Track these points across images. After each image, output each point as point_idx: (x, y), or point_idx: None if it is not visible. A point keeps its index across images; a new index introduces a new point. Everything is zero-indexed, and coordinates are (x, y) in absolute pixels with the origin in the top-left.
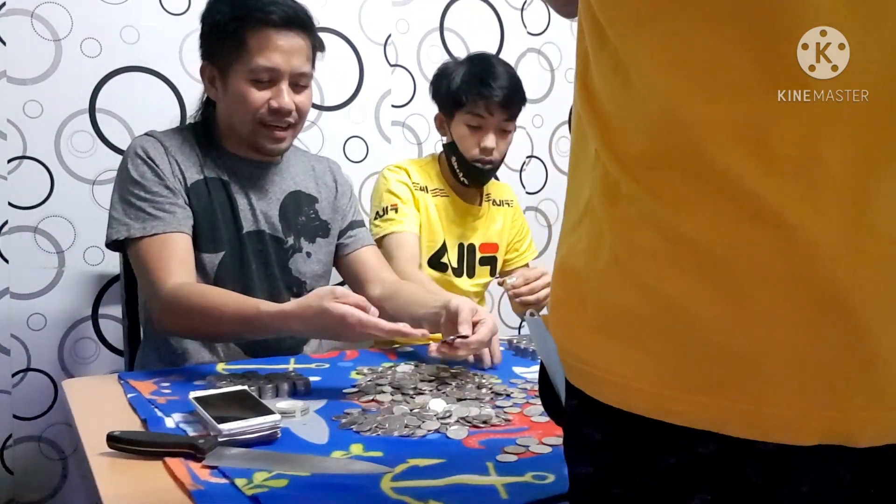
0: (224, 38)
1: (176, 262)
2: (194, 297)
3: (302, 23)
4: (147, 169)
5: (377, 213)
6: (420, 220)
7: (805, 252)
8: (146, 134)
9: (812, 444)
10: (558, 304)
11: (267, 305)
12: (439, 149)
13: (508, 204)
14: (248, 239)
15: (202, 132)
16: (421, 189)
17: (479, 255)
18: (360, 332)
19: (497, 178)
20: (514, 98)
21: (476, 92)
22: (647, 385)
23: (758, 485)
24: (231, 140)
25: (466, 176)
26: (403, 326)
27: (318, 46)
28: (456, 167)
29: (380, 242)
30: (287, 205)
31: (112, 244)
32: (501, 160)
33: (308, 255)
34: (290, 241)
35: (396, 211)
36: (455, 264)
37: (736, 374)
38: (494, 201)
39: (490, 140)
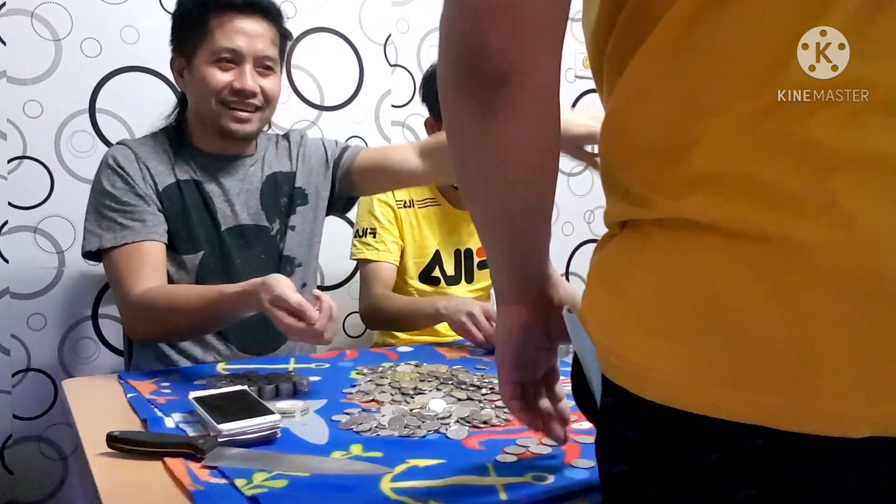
0: (190, 26)
1: (145, 269)
2: (159, 298)
3: (265, 10)
4: (118, 178)
5: (357, 232)
6: (403, 239)
7: (858, 245)
8: (119, 143)
9: (863, 436)
10: (596, 301)
11: (228, 287)
12: None
13: None
14: (228, 236)
15: (175, 134)
16: (405, 205)
17: (476, 259)
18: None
19: None
20: None
21: None
22: (692, 381)
23: (804, 477)
24: (202, 136)
25: None
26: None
27: (286, 35)
28: None
29: (358, 264)
30: (265, 191)
31: (87, 255)
32: None
33: (293, 228)
34: (277, 225)
35: (374, 236)
36: (451, 272)
37: (785, 369)
38: None
39: None
